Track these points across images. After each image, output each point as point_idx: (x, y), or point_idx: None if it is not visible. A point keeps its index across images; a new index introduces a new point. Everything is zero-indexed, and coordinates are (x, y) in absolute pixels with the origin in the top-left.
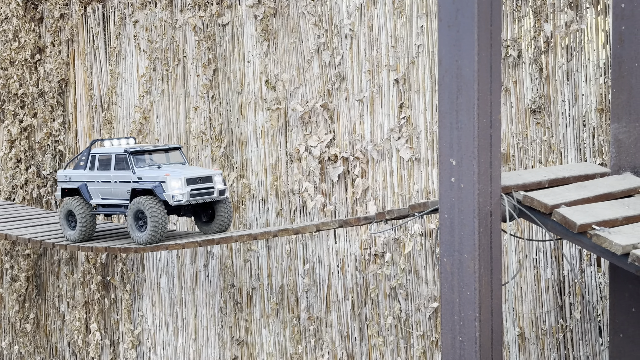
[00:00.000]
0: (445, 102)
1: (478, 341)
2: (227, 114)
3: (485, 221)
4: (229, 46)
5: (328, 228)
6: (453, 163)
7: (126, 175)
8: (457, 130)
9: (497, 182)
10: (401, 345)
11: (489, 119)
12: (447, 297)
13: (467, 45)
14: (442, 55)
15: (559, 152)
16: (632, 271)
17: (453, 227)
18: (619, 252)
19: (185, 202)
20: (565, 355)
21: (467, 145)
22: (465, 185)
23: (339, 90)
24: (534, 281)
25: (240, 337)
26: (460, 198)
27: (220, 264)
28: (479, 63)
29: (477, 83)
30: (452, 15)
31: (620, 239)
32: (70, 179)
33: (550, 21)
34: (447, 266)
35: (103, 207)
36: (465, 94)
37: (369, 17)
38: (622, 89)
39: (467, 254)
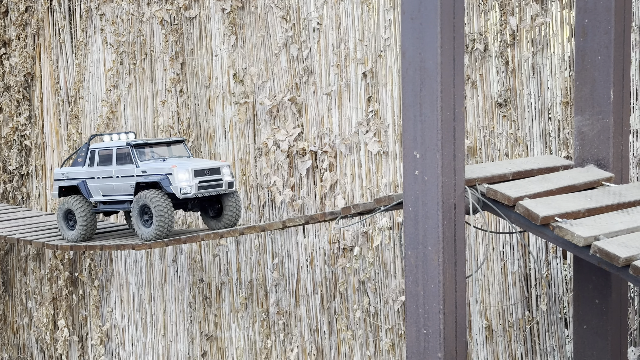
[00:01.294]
0: (408, 95)
1: (442, 333)
2: (195, 108)
3: (449, 214)
4: (196, 40)
5: (294, 225)
6: (417, 156)
7: (129, 169)
8: (421, 123)
9: (460, 175)
10: (370, 339)
11: (452, 112)
12: (412, 290)
13: (430, 37)
14: (405, 48)
15: (525, 145)
16: (594, 262)
17: (417, 220)
18: (580, 244)
19: (193, 194)
20: (531, 347)
21: (430, 138)
22: (429, 178)
23: (307, 84)
24: (500, 274)
25: (209, 332)
26: (424, 191)
27: (189, 259)
28: (442, 56)
29: (441, 76)
30: (415, 7)
31: (582, 230)
32: (67, 176)
33: (516, 14)
34: (412, 259)
35: (104, 204)
36: (429, 86)
37: (337, 10)
38: (585, 82)
39: (431, 247)
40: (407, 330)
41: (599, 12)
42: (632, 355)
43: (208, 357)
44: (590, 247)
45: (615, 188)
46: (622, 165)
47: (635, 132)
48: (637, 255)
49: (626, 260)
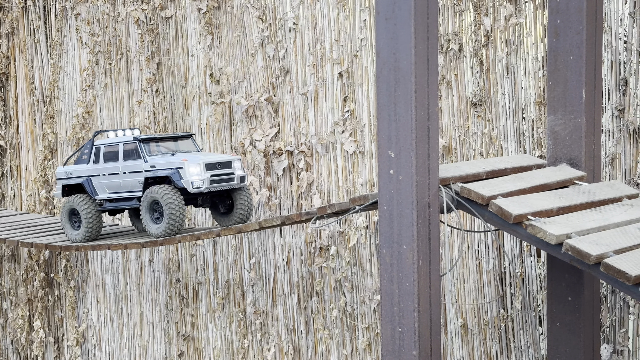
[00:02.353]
0: (383, 95)
1: (417, 331)
2: (171, 107)
3: (423, 213)
4: (172, 40)
5: (270, 226)
6: (391, 155)
7: (137, 164)
8: (395, 122)
9: (435, 174)
10: (347, 338)
11: (426, 112)
12: (387, 289)
13: (404, 38)
14: (380, 48)
15: (500, 145)
16: (566, 260)
17: (392, 218)
18: (552, 242)
19: (205, 189)
20: (506, 345)
21: (405, 138)
22: (404, 178)
23: (283, 84)
24: (476, 272)
25: (186, 333)
26: (399, 190)
27: (166, 259)
28: (416, 56)
29: (415, 76)
30: (390, 8)
31: (554, 229)
32: (71, 175)
33: (490, 15)
34: (387, 258)
35: (110, 202)
36: (403, 86)
37: (313, 10)
38: (558, 82)
39: (406, 245)
40: (382, 329)
41: (571, 13)
42: (605, 352)
43: (185, 358)
44: (562, 245)
45: (587, 187)
46: (594, 164)
47: (607, 132)
48: (608, 253)
49: (597, 257)
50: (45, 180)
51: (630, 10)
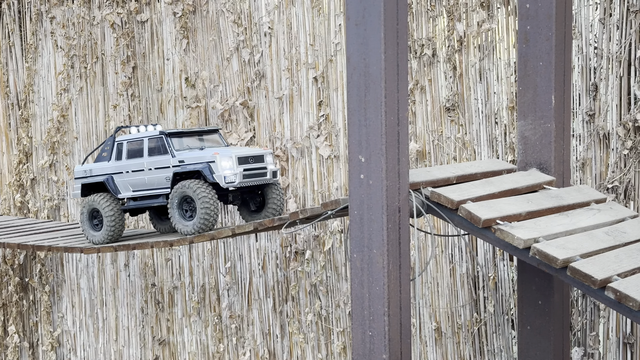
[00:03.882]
0: (353, 100)
1: (387, 335)
2: (147, 111)
3: (393, 217)
4: (148, 43)
5: (243, 232)
6: (362, 160)
7: (164, 159)
8: (366, 127)
9: (405, 179)
10: (322, 342)
11: (396, 117)
12: (357, 293)
13: (374, 43)
14: (350, 53)
15: (473, 149)
16: (534, 264)
17: (362, 223)
18: (520, 246)
19: (238, 183)
20: (479, 348)
21: (375, 143)
22: (374, 182)
23: (259, 88)
24: (449, 276)
25: (161, 337)
26: (369, 194)
27: (141, 264)
28: (386, 61)
29: (385, 81)
30: (360, 13)
31: (522, 233)
32: (91, 173)
33: (463, 20)
34: (357, 262)
35: (134, 200)
36: (373, 91)
37: (288, 15)
38: (528, 87)
39: (376, 250)
40: (353, 333)
41: (541, 19)
42: (576, 355)
43: None
44: (530, 249)
45: (556, 191)
46: (564, 168)
47: (578, 137)
48: (574, 257)
49: (564, 261)
50: (20, 184)
51: (600, 17)
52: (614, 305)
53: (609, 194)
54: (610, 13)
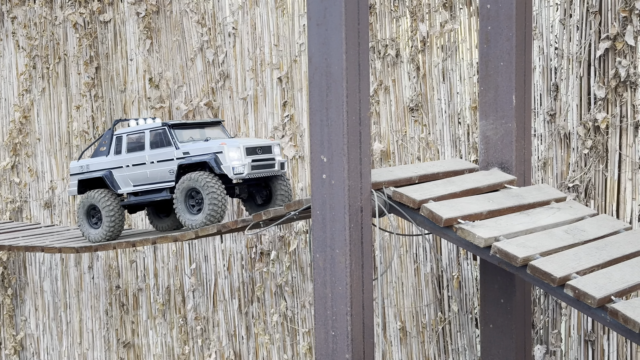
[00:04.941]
0: (315, 100)
1: (350, 335)
2: (110, 112)
3: (355, 217)
4: (111, 44)
5: (207, 234)
6: (324, 160)
7: (168, 152)
8: (327, 127)
9: (367, 179)
10: (287, 342)
11: (358, 116)
12: (320, 293)
13: (335, 43)
14: (312, 54)
15: (437, 149)
16: (495, 263)
17: (325, 223)
18: (481, 245)
19: (246, 174)
20: (444, 347)
21: (337, 142)
22: (336, 182)
23: (223, 89)
24: (414, 276)
25: (126, 340)
26: (332, 194)
27: (106, 266)
28: (347, 61)
29: (346, 81)
30: (321, 13)
31: (483, 232)
32: (88, 169)
33: (426, 21)
34: (320, 262)
35: (136, 195)
36: (335, 91)
37: (252, 15)
38: (489, 87)
39: (339, 250)
40: (316, 333)
41: (501, 20)
42: (538, 352)
43: None
44: (491, 248)
45: (517, 190)
46: (525, 168)
47: (539, 136)
48: (534, 255)
49: (524, 260)
50: None
51: (560, 18)
52: (573, 302)
53: (570, 193)
54: (570, 14)
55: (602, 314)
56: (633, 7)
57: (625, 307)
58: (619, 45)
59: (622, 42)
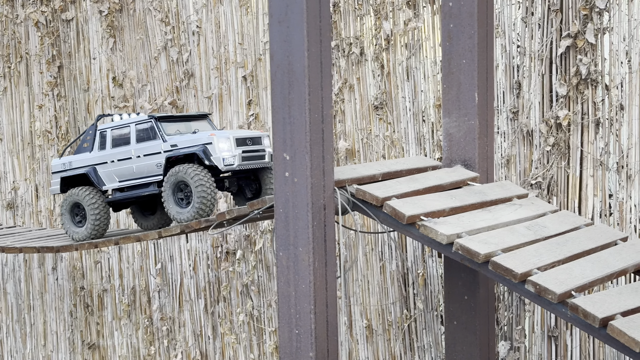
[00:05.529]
0: (277, 98)
1: (314, 333)
2: (73, 112)
3: (319, 215)
4: (74, 42)
5: (170, 234)
6: (287, 158)
7: (154, 145)
8: (290, 125)
9: (330, 176)
10: (254, 342)
11: (320, 114)
12: (284, 291)
13: (297, 41)
14: (273, 51)
15: (401, 147)
16: (457, 259)
17: (288, 221)
18: (444, 242)
19: (237, 166)
20: (410, 345)
21: (299, 140)
22: (299, 180)
23: (188, 88)
24: (379, 274)
25: (91, 341)
26: (294, 192)
27: (70, 267)
28: (309, 59)
29: (308, 78)
30: (282, 11)
31: (446, 228)
32: (71, 166)
33: (390, 19)
34: (283, 260)
35: (121, 191)
36: (297, 89)
37: (216, 14)
38: (452, 85)
39: (302, 248)
40: (280, 331)
41: (463, 17)
42: (503, 349)
43: None
44: (453, 245)
45: (479, 187)
46: (488, 165)
47: (503, 134)
48: (496, 252)
49: (485, 256)
50: None
51: (522, 16)
52: (534, 298)
53: (533, 189)
54: (532, 12)
55: (562, 309)
56: (593, 5)
57: (585, 302)
58: (579, 43)
59: (582, 40)
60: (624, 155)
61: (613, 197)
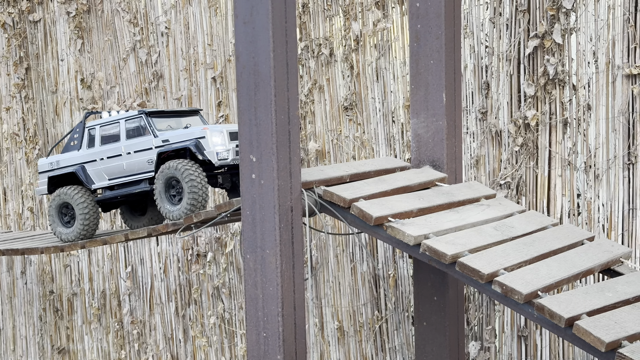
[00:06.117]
0: (244, 99)
1: (281, 336)
2: (41, 114)
3: (286, 217)
4: (41, 44)
5: (137, 237)
6: (253, 160)
7: (145, 141)
8: (256, 126)
9: (297, 178)
10: (225, 345)
11: (287, 115)
12: (251, 294)
13: (262, 42)
14: (239, 52)
15: (372, 148)
16: (425, 260)
17: (255, 223)
18: (411, 243)
19: (231, 160)
20: (381, 346)
21: (266, 142)
22: (266, 182)
23: (157, 89)
24: (351, 275)
25: (61, 345)
26: (261, 194)
27: (39, 270)
28: (275, 60)
29: (274, 80)
30: (248, 12)
31: (413, 230)
32: (58, 165)
33: (359, 20)
34: (250, 262)
35: (111, 189)
36: (263, 90)
37: (185, 15)
38: (420, 86)
39: (269, 250)
40: (248, 334)
41: (431, 18)
42: (473, 349)
43: None
44: (420, 246)
45: (447, 188)
46: (456, 165)
47: (472, 134)
48: (463, 252)
49: (452, 257)
50: None
51: (490, 16)
52: (501, 298)
53: (502, 189)
54: (500, 12)
55: (529, 309)
56: (560, 6)
57: (551, 302)
58: (547, 43)
59: (550, 40)
60: (592, 154)
61: (581, 197)
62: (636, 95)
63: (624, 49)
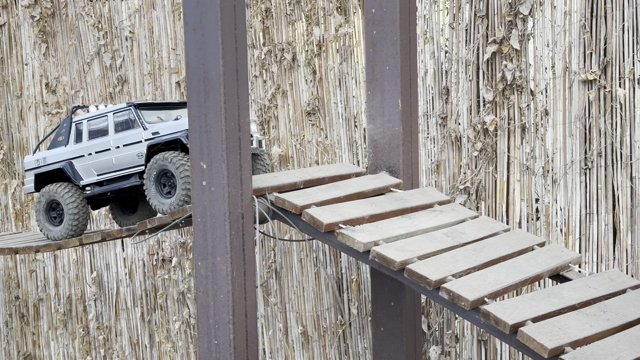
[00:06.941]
0: (194, 106)
1: (232, 343)
2: (6, 118)
3: (236, 224)
4: (6, 48)
5: (91, 242)
6: (203, 167)
7: (135, 134)
8: (206, 133)
9: (247, 185)
10: (191, 350)
11: (237, 122)
12: (203, 301)
13: (212, 48)
14: (189, 59)
15: (334, 153)
16: (375, 267)
17: (206, 230)
18: (361, 250)
19: None
20: (345, 350)
21: (216, 149)
22: (216, 189)
23: (121, 94)
24: (314, 280)
25: (27, 351)
26: (212, 201)
27: (5, 276)
28: (224, 67)
29: (224, 86)
30: (197, 18)
31: (363, 236)
32: (45, 162)
33: (322, 25)
34: (202, 270)
35: (100, 185)
36: (213, 97)
37: (149, 19)
38: (376, 91)
39: (220, 257)
40: (200, 342)
41: (386, 24)
42: (434, 353)
43: None
44: (370, 253)
45: (401, 194)
46: (412, 171)
47: (433, 139)
48: (412, 259)
49: (401, 263)
50: None
51: (450, 21)
52: (448, 305)
53: (462, 194)
54: (459, 18)
55: (475, 315)
56: (517, 12)
57: (497, 309)
58: (505, 49)
59: (507, 45)
60: (550, 159)
61: (539, 201)
62: (592, 100)
63: (580, 55)
